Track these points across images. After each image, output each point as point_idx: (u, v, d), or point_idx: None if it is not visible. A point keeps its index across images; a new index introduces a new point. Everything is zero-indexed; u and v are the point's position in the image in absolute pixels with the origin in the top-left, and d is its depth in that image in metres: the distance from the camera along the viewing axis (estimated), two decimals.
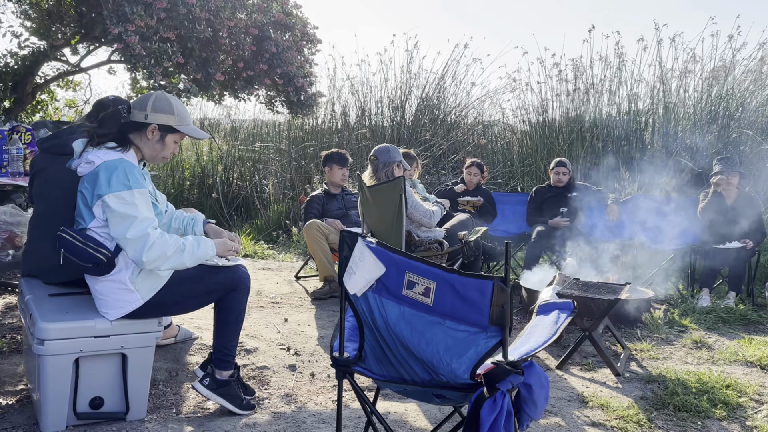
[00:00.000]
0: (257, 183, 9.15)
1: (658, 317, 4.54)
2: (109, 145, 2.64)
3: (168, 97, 2.74)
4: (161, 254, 2.55)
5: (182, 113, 2.75)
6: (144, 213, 2.56)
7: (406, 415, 2.99)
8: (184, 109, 2.78)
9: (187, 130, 2.78)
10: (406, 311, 2.02)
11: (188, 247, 2.63)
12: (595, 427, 2.97)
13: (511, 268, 1.97)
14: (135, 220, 2.52)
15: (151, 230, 2.55)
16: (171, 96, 2.77)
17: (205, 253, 2.69)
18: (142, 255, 2.52)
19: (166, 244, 2.57)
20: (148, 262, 2.54)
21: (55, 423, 2.60)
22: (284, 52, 6.95)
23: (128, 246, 2.53)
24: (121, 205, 2.52)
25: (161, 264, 2.58)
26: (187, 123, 2.78)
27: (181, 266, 2.65)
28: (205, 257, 2.70)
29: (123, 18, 5.68)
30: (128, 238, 2.51)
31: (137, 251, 2.53)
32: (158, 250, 2.54)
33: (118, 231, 2.53)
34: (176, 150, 2.84)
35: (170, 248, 2.58)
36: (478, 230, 4.91)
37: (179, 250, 2.60)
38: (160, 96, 2.73)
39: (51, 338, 2.53)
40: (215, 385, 2.86)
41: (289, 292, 5.30)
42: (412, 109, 9.96)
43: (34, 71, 7.64)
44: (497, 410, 1.76)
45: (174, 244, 2.59)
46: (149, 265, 2.56)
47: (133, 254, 2.54)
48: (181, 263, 2.63)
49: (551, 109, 9.43)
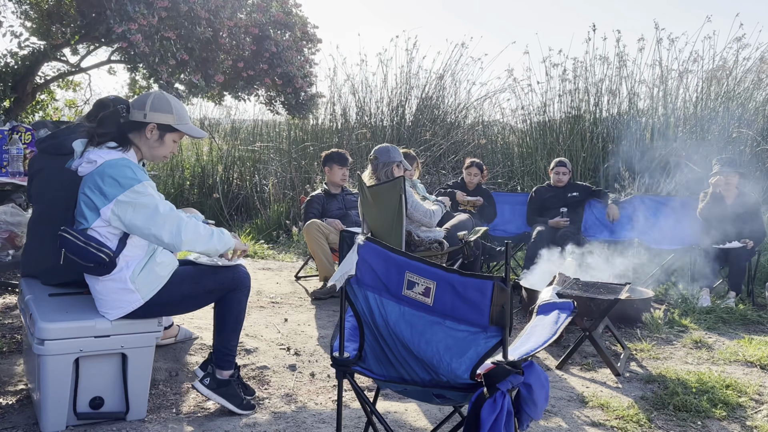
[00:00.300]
0: (257, 183, 9.15)
1: (658, 317, 4.54)
2: (109, 145, 2.64)
3: (166, 96, 2.75)
4: (195, 233, 2.61)
5: (181, 112, 2.76)
6: (161, 199, 2.61)
7: (406, 415, 2.99)
8: (182, 108, 2.79)
9: (186, 129, 2.79)
10: (406, 311, 2.02)
11: (216, 233, 2.70)
12: (595, 427, 2.97)
13: (511, 268, 1.97)
14: (158, 204, 2.56)
15: (177, 211, 2.62)
16: (169, 95, 2.78)
17: (230, 242, 2.75)
18: (181, 234, 2.56)
19: (198, 225, 2.64)
20: (186, 241, 2.58)
21: (55, 423, 2.60)
22: (284, 51, 6.95)
23: (163, 228, 2.55)
24: (139, 197, 2.54)
25: (196, 244, 2.62)
26: (186, 122, 2.79)
27: (212, 251, 2.69)
28: (230, 246, 2.75)
29: (126, 16, 5.69)
30: (162, 213, 2.54)
31: (173, 232, 2.56)
32: (192, 229, 2.61)
33: (145, 218, 2.54)
34: (175, 149, 2.85)
35: (201, 228, 2.65)
36: (478, 230, 4.91)
37: (210, 233, 2.67)
38: (158, 95, 2.74)
39: (51, 338, 2.53)
40: (215, 384, 2.86)
41: (289, 292, 5.30)
42: (412, 108, 9.96)
43: (34, 71, 7.64)
44: (497, 410, 1.76)
45: (204, 227, 2.67)
46: (186, 245, 2.60)
47: (170, 236, 2.57)
48: (213, 247, 2.68)
49: (551, 109, 9.45)
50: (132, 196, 2.53)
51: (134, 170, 2.58)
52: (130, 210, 2.53)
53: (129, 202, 2.53)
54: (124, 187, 2.53)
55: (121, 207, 2.53)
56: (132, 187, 2.54)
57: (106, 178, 2.54)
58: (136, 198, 2.53)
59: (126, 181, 2.54)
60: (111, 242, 2.60)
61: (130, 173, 2.56)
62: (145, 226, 2.55)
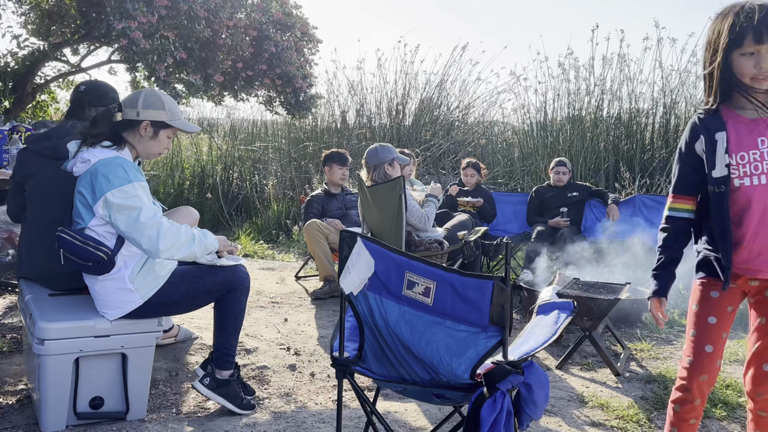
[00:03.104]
0: (257, 183, 9.15)
1: None
2: (104, 144, 2.64)
3: (158, 93, 2.75)
4: (175, 241, 2.57)
5: (173, 108, 2.76)
6: (148, 203, 2.58)
7: (406, 415, 2.99)
8: (174, 104, 2.79)
9: (180, 124, 2.79)
10: (406, 311, 2.02)
11: (197, 237, 2.66)
12: (595, 427, 2.97)
13: (511, 268, 1.97)
14: (142, 209, 2.53)
15: (160, 218, 2.57)
16: (161, 92, 2.78)
17: (212, 245, 2.72)
18: (158, 243, 2.52)
19: (179, 232, 2.59)
20: (164, 250, 2.55)
21: (55, 423, 2.60)
22: (284, 52, 6.95)
23: (142, 235, 2.52)
24: (126, 198, 2.52)
25: (175, 252, 2.59)
26: (179, 117, 2.79)
27: (193, 257, 2.67)
28: (212, 248, 2.73)
29: (125, 14, 5.70)
30: (142, 221, 2.51)
31: (152, 239, 2.52)
32: (172, 237, 2.56)
33: (127, 223, 2.52)
34: (170, 145, 2.85)
35: (183, 236, 2.60)
36: (478, 230, 4.91)
37: (190, 239, 2.63)
38: (149, 92, 2.74)
39: (51, 338, 2.53)
40: (215, 384, 2.86)
41: (289, 292, 5.30)
42: (412, 109, 9.96)
43: (34, 71, 7.64)
44: (497, 410, 1.76)
45: (185, 232, 2.62)
46: (165, 254, 2.56)
47: (148, 244, 2.53)
48: (193, 253, 2.65)
49: (552, 108, 9.45)
50: (119, 195, 2.52)
51: (127, 170, 2.57)
52: (114, 210, 2.53)
53: (115, 203, 2.52)
54: (113, 185, 2.52)
55: (108, 205, 2.53)
56: (121, 187, 2.52)
57: (99, 176, 2.54)
58: (123, 199, 2.52)
59: (116, 180, 2.53)
60: (109, 241, 2.60)
61: (122, 173, 2.55)
62: (126, 229, 2.54)
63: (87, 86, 3.26)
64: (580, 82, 9.19)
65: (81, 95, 3.19)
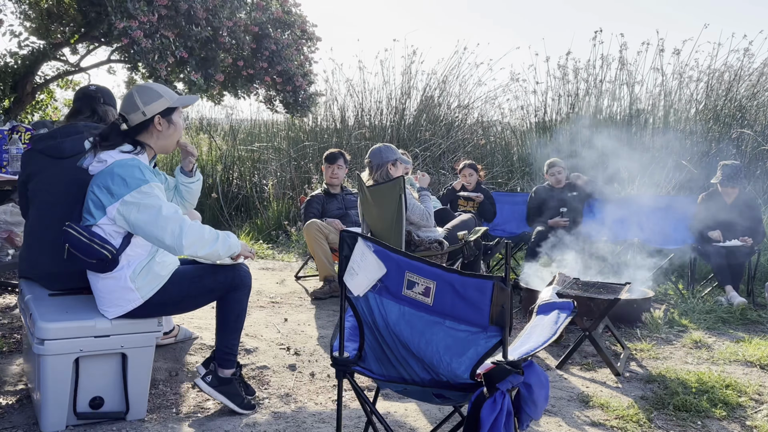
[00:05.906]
0: (257, 183, 9.14)
1: (658, 317, 4.54)
2: (124, 149, 2.65)
3: (146, 86, 2.77)
4: (199, 237, 2.58)
5: (168, 92, 2.78)
6: (167, 201, 2.60)
7: (406, 415, 2.99)
8: (164, 87, 2.81)
9: (182, 101, 2.81)
10: (406, 311, 2.02)
11: (221, 237, 2.67)
12: (595, 426, 2.98)
13: (511, 267, 1.97)
14: (162, 206, 2.55)
15: (182, 214, 2.59)
16: (147, 82, 2.80)
17: (236, 246, 2.73)
18: (182, 238, 2.53)
19: (203, 229, 2.62)
20: (188, 245, 2.55)
21: (55, 423, 2.60)
22: (284, 49, 6.96)
23: (165, 230, 2.53)
24: (145, 197, 2.54)
25: (199, 249, 2.60)
26: (176, 96, 2.81)
27: (215, 256, 2.68)
28: (235, 250, 2.73)
29: (126, 14, 5.70)
30: (164, 215, 2.52)
31: (175, 235, 2.53)
32: (196, 233, 2.58)
33: (148, 220, 2.53)
34: (183, 126, 2.87)
35: (206, 233, 2.62)
36: (478, 230, 4.91)
37: (214, 237, 2.64)
38: (139, 89, 2.74)
39: (51, 338, 2.53)
40: (217, 382, 2.86)
41: (289, 292, 5.30)
42: (412, 109, 9.96)
43: (34, 71, 7.64)
44: (497, 410, 1.76)
45: (209, 230, 2.64)
46: (188, 249, 2.57)
47: (171, 239, 2.54)
48: (216, 252, 2.66)
49: (551, 109, 9.44)
50: (138, 196, 2.53)
51: (143, 171, 2.59)
52: (134, 210, 2.54)
53: (134, 203, 2.53)
54: (131, 187, 2.53)
55: (127, 207, 2.54)
56: (139, 188, 2.54)
57: (115, 177, 2.55)
58: (142, 199, 2.53)
59: (133, 182, 2.54)
60: (115, 240, 2.60)
61: (139, 174, 2.57)
62: (148, 227, 2.55)
63: (96, 87, 3.30)
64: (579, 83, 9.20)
65: (94, 93, 3.21)
